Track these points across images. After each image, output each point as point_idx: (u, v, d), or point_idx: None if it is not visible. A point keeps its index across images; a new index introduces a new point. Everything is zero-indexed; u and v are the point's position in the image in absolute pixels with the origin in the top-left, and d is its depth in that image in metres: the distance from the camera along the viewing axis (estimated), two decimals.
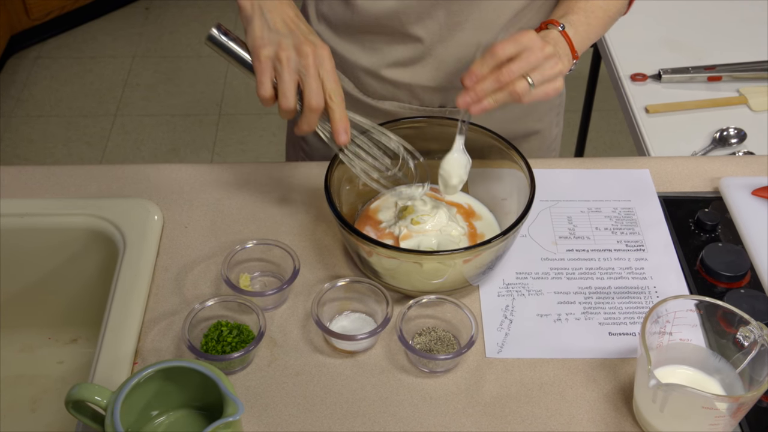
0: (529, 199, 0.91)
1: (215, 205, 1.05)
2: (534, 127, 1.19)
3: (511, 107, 1.11)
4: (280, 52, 0.88)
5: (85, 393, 0.75)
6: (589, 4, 0.99)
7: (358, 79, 1.12)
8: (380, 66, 1.08)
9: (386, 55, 1.07)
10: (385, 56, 1.07)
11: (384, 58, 1.08)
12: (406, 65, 1.08)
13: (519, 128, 1.17)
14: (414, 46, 1.06)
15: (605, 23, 1.03)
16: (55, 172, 1.09)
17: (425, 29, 1.03)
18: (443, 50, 1.05)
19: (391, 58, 1.07)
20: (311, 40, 0.90)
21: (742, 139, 1.43)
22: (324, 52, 0.89)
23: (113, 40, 3.18)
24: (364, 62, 1.09)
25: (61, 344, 1.12)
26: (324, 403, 0.85)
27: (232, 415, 0.72)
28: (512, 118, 1.15)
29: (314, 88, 0.88)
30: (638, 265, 0.99)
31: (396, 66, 1.08)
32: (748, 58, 1.58)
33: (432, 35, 1.04)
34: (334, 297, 0.90)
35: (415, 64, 1.07)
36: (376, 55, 1.08)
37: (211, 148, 2.72)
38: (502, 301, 0.95)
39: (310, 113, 0.89)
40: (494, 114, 1.11)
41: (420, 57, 1.07)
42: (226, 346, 0.87)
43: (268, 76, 0.89)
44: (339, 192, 0.95)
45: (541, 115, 1.19)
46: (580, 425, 0.83)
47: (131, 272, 0.95)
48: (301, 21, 0.92)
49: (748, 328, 0.80)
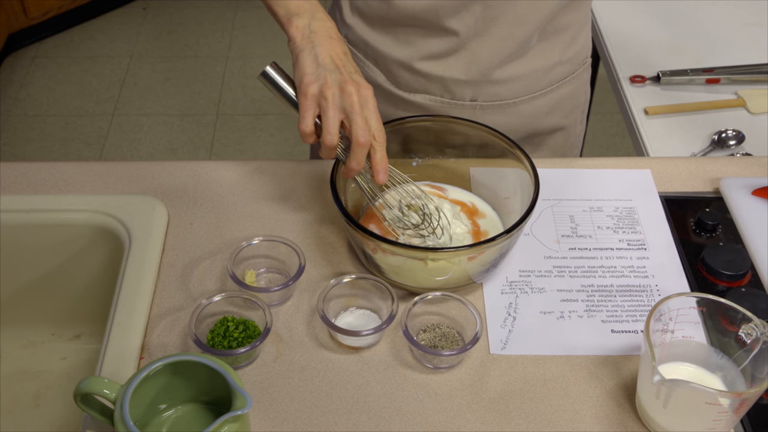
0: (533, 197, 0.91)
1: (220, 202, 1.06)
2: (560, 124, 1.20)
3: (539, 102, 1.12)
4: (326, 89, 0.90)
5: (94, 386, 0.76)
6: None
7: (391, 71, 1.12)
8: (413, 58, 1.08)
9: (420, 48, 1.07)
10: (419, 49, 1.08)
11: (418, 51, 1.08)
12: (440, 58, 1.08)
13: (546, 124, 1.18)
14: (449, 39, 1.06)
15: None
16: (59, 169, 1.10)
17: (461, 22, 1.03)
18: (478, 44, 1.06)
19: (425, 50, 1.07)
20: (355, 80, 0.91)
21: (740, 141, 1.44)
22: (368, 92, 0.91)
23: (111, 40, 3.18)
24: (397, 54, 1.09)
25: (65, 340, 1.12)
26: (329, 399, 0.85)
27: (241, 409, 0.73)
28: (540, 113, 1.15)
29: (360, 124, 0.89)
30: (640, 264, 1.00)
31: (429, 59, 1.08)
32: (747, 60, 1.59)
33: (468, 29, 1.04)
34: (339, 293, 0.91)
35: (449, 56, 1.07)
36: (410, 48, 1.08)
37: (209, 148, 2.73)
38: (506, 298, 0.95)
39: (359, 149, 0.90)
40: (523, 109, 1.12)
41: (454, 50, 1.07)
42: (232, 342, 0.87)
43: (311, 113, 0.91)
44: (345, 189, 0.96)
45: (567, 112, 1.20)
46: (583, 421, 0.84)
47: (137, 268, 0.96)
48: (348, 60, 0.94)
49: (750, 325, 0.81)
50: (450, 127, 1.00)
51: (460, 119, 1.01)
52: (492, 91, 1.10)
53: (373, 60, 1.12)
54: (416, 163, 1.04)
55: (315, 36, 0.93)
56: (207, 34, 3.23)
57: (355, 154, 0.90)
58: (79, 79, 3.00)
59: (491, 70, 1.07)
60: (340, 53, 0.93)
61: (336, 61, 0.92)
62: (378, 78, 1.13)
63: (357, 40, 1.13)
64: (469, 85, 1.10)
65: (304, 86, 0.90)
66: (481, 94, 1.11)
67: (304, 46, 0.92)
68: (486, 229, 0.99)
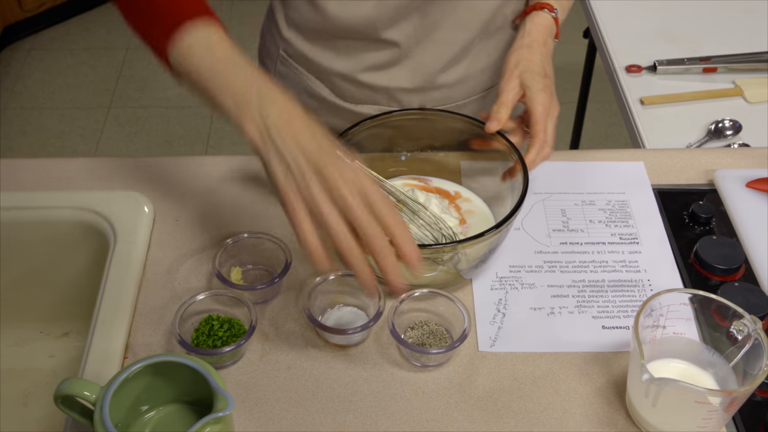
0: (522, 191, 0.90)
1: (207, 198, 1.05)
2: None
3: (489, 99, 1.11)
4: (312, 197, 0.73)
5: (74, 388, 0.75)
6: None
7: (334, 84, 1.09)
8: (356, 71, 1.06)
9: (361, 60, 1.05)
10: (361, 61, 1.05)
11: (360, 63, 1.05)
12: (383, 69, 1.06)
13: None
14: (390, 51, 1.04)
15: None
16: (45, 165, 1.08)
17: (401, 33, 1.01)
18: (420, 52, 1.04)
19: (367, 62, 1.05)
20: (335, 164, 0.74)
21: (737, 130, 1.42)
22: (360, 175, 0.74)
23: (107, 32, 3.17)
24: (339, 68, 1.07)
25: (53, 338, 1.11)
26: (315, 398, 0.84)
27: (222, 410, 0.71)
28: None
29: (367, 223, 0.73)
30: (632, 258, 0.98)
31: (372, 70, 1.06)
32: (744, 49, 1.57)
33: (408, 38, 1.02)
34: (325, 290, 0.90)
35: (392, 67, 1.06)
36: (351, 60, 1.05)
37: (206, 141, 2.71)
38: (495, 294, 0.94)
39: (379, 257, 0.74)
40: (473, 109, 1.11)
41: (397, 60, 1.05)
42: (217, 341, 0.86)
43: (307, 223, 0.74)
44: None
45: None
46: (572, 419, 0.83)
47: (121, 266, 0.95)
48: (319, 133, 0.77)
49: (741, 321, 0.79)
50: (437, 121, 0.98)
51: (450, 112, 0.99)
52: (439, 96, 1.09)
53: (315, 73, 1.10)
54: (404, 158, 1.03)
55: (271, 123, 0.75)
56: None
57: (382, 265, 0.75)
58: (75, 71, 2.99)
59: (435, 76, 1.06)
60: (302, 128, 0.76)
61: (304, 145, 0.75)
62: (322, 91, 1.10)
63: (296, 54, 1.10)
64: (415, 92, 1.08)
65: (285, 203, 0.75)
66: (429, 100, 1.09)
67: (265, 148, 0.76)
68: (476, 223, 0.98)
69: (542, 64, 0.99)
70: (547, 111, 0.96)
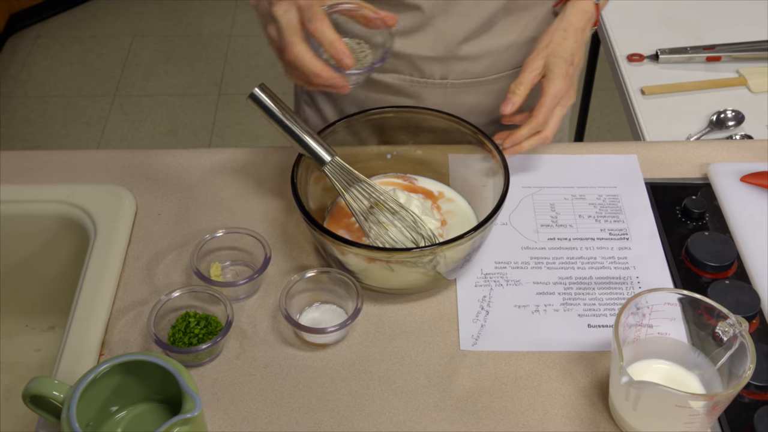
0: (504, 190, 0.88)
1: (190, 192, 1.03)
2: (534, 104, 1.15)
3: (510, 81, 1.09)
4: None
5: (42, 388, 0.74)
6: None
7: None
8: None
9: None
10: None
11: None
12: (405, 35, 1.05)
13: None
14: (413, 15, 1.02)
15: None
16: (28, 158, 1.07)
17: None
18: (442, 20, 1.03)
19: None
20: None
21: (739, 121, 1.39)
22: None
23: (114, 20, 3.16)
24: None
25: (38, 332, 1.10)
26: (292, 397, 0.83)
27: (191, 412, 0.70)
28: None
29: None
30: (621, 255, 0.96)
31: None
32: (749, 37, 1.53)
33: (432, 4, 1.01)
34: (303, 288, 0.88)
35: (414, 33, 1.04)
36: None
37: (210, 129, 2.70)
38: (479, 291, 0.92)
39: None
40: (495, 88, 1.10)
41: (419, 26, 1.04)
42: (193, 338, 0.85)
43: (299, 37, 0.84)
44: (306, 191, 0.92)
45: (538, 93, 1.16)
46: (554, 421, 0.81)
47: (101, 260, 0.93)
48: None
49: (726, 322, 0.77)
50: (417, 117, 0.96)
51: (426, 109, 0.97)
52: (461, 68, 1.07)
53: None
54: (390, 156, 1.01)
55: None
56: (210, 12, 3.19)
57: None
58: (81, 59, 2.98)
59: (457, 46, 1.05)
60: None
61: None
62: None
63: None
64: (436, 62, 1.07)
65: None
66: (451, 71, 1.08)
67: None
68: (454, 223, 0.95)
69: (572, 50, 0.98)
70: (558, 98, 0.97)
